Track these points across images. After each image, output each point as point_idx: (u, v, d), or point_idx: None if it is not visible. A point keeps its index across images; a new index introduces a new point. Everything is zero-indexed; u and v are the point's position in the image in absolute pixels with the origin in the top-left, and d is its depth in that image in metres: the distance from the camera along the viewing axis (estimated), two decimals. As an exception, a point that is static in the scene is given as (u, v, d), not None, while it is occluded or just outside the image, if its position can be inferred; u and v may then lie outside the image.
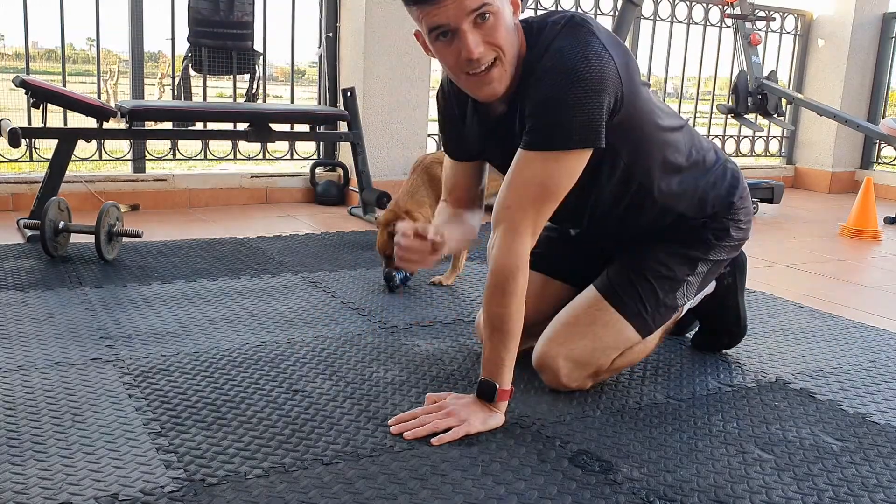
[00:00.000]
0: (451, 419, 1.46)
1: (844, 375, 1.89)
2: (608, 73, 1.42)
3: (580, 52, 1.41)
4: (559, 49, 1.43)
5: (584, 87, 1.40)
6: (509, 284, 1.46)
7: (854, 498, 1.32)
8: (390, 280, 2.43)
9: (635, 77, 1.51)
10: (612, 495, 1.28)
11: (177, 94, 3.79)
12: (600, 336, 1.67)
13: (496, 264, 1.47)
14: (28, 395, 1.55)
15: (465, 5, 1.38)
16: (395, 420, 1.48)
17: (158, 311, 2.13)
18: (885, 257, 3.45)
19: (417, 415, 1.49)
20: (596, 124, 1.44)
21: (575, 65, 1.41)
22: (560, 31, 1.45)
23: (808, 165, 5.88)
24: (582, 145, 1.45)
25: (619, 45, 1.49)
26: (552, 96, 1.42)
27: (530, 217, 1.46)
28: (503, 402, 1.51)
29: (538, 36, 1.49)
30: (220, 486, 1.24)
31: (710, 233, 1.75)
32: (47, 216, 2.61)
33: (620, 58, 1.46)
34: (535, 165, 1.46)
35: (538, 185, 1.45)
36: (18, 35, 6.64)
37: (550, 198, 1.47)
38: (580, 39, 1.43)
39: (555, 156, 1.45)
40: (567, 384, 1.68)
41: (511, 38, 1.45)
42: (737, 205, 1.76)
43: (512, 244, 1.46)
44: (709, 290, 1.93)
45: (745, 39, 4.91)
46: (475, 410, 1.48)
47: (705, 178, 1.72)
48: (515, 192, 1.47)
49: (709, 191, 1.72)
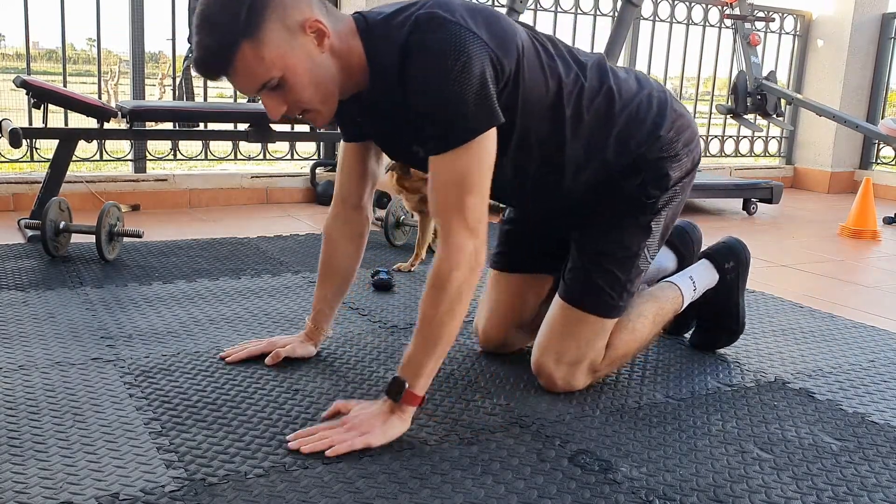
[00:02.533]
0: (352, 433, 1.40)
1: (843, 375, 1.90)
2: (475, 52, 1.38)
3: (441, 48, 1.37)
4: (422, 56, 1.39)
5: (457, 78, 1.36)
6: (443, 283, 1.42)
7: (853, 497, 1.32)
8: (382, 285, 2.45)
9: (508, 38, 1.46)
10: (611, 494, 1.28)
11: (177, 94, 3.80)
12: (580, 334, 1.69)
13: (434, 262, 1.45)
14: (29, 394, 1.56)
15: (248, 84, 1.42)
16: (295, 435, 1.41)
17: (159, 311, 2.13)
18: (885, 257, 3.46)
19: (318, 430, 1.42)
20: (485, 105, 1.40)
21: (441, 63, 1.37)
22: (412, 34, 1.41)
23: (807, 165, 5.89)
24: (480, 131, 1.41)
25: (478, 13, 1.44)
26: (432, 100, 1.39)
27: (457, 217, 1.42)
28: (411, 408, 1.45)
29: (387, 33, 1.45)
30: (221, 486, 1.24)
31: (650, 188, 1.69)
32: (48, 216, 2.61)
33: (485, 27, 1.42)
34: (445, 168, 1.43)
35: (454, 185, 1.43)
36: (19, 35, 6.64)
37: (472, 191, 1.43)
38: (435, 35, 1.38)
39: (458, 153, 1.42)
40: (564, 387, 1.68)
41: (317, 81, 1.43)
42: (666, 137, 1.68)
43: (447, 247, 1.43)
44: (711, 284, 1.95)
45: (745, 40, 4.91)
46: (377, 422, 1.42)
47: (623, 115, 1.64)
48: (438, 197, 1.45)
49: (630, 127, 1.65)
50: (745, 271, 2.00)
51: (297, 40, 1.40)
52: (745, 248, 2.01)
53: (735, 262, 1.97)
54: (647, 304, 1.81)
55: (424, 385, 1.45)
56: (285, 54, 1.39)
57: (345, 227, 1.79)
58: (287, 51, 1.39)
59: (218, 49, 1.40)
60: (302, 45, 1.40)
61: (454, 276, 1.41)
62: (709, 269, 1.97)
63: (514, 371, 1.81)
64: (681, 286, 1.89)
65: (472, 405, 1.60)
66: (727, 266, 1.96)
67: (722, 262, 1.97)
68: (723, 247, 2.00)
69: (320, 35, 1.41)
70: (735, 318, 2.00)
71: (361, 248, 1.82)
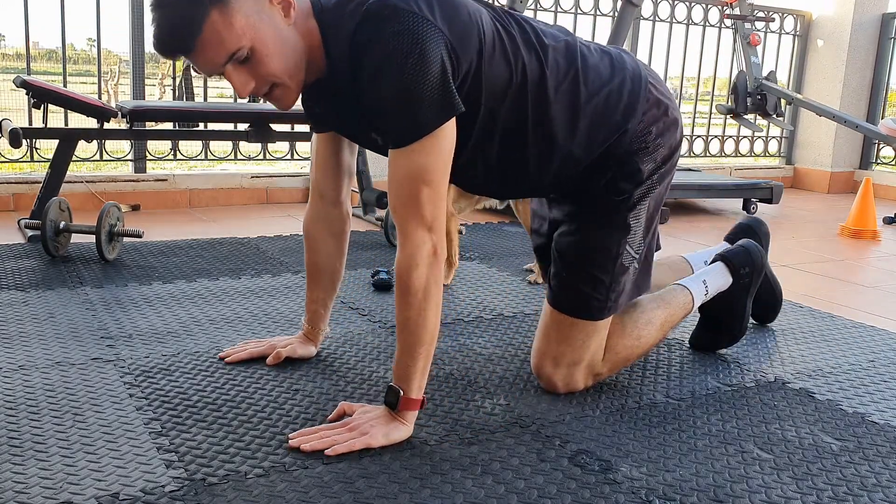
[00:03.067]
0: (352, 433, 1.40)
1: (843, 375, 1.90)
2: (430, 42, 1.33)
3: (396, 40, 1.32)
4: (376, 47, 1.34)
5: (414, 71, 1.32)
6: (407, 284, 1.39)
7: (853, 497, 1.32)
8: (382, 285, 2.45)
9: (467, 28, 1.41)
10: (611, 495, 1.28)
11: (177, 94, 3.80)
12: (572, 337, 1.68)
13: (396, 266, 1.42)
14: (29, 394, 1.56)
15: (213, 59, 1.35)
16: (296, 434, 1.41)
17: (159, 311, 2.13)
18: (885, 257, 3.45)
19: (320, 430, 1.43)
20: (443, 96, 1.36)
21: (396, 55, 1.32)
22: (364, 24, 1.36)
23: (807, 165, 5.89)
24: (437, 123, 1.38)
25: (434, 1, 1.38)
26: (391, 96, 1.35)
27: (415, 212, 1.39)
28: (410, 412, 1.44)
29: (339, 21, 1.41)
30: (221, 486, 1.24)
31: (620, 183, 1.64)
32: (48, 216, 2.61)
33: (440, 12, 1.37)
34: (401, 162, 1.40)
35: (411, 179, 1.39)
36: (19, 35, 6.64)
37: (429, 185, 1.39)
38: (389, 26, 1.33)
39: (418, 146, 1.38)
40: (565, 389, 1.68)
41: (286, 53, 1.39)
42: (635, 130, 1.62)
43: (404, 244, 1.40)
44: (723, 288, 1.94)
45: (745, 40, 4.91)
46: (378, 423, 1.42)
47: (589, 106, 1.58)
48: (395, 192, 1.42)
49: (596, 120, 1.59)
50: (759, 278, 1.99)
51: (265, 9, 1.37)
52: (762, 254, 2.00)
53: (751, 269, 1.96)
54: (657, 311, 1.79)
55: (419, 387, 1.44)
56: (254, 23, 1.35)
57: (325, 226, 1.76)
58: (256, 20, 1.35)
59: (186, 19, 1.33)
60: (270, 16, 1.37)
61: (415, 276, 1.39)
62: (724, 273, 1.95)
63: (514, 371, 1.81)
64: (693, 291, 1.87)
65: (472, 405, 1.60)
66: (743, 272, 1.95)
67: (738, 268, 1.95)
68: (741, 252, 1.98)
69: (286, 6, 1.39)
70: (739, 321, 1.98)
71: (345, 244, 1.80)
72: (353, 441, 1.38)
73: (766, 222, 2.02)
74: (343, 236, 1.79)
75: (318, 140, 1.72)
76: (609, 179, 1.64)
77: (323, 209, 1.75)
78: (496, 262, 2.91)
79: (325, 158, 1.72)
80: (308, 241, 1.79)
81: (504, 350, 1.95)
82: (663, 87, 1.71)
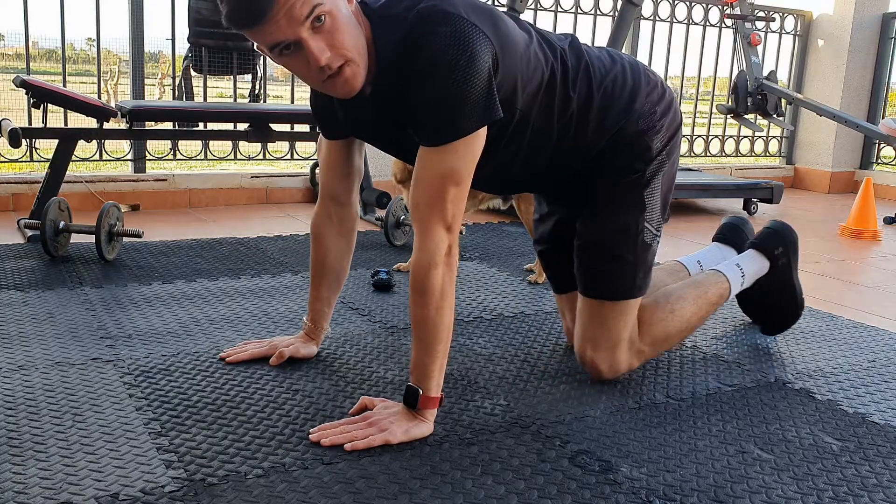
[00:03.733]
0: (372, 429, 1.42)
1: (844, 375, 1.90)
2: (480, 47, 1.38)
3: (448, 41, 1.37)
4: (428, 47, 1.38)
5: (463, 74, 1.37)
6: (424, 283, 1.42)
7: (853, 498, 1.32)
8: (382, 285, 2.45)
9: (505, 31, 1.47)
10: (611, 495, 1.28)
11: (177, 94, 3.80)
12: (606, 319, 1.74)
13: (412, 264, 1.44)
14: (28, 394, 1.55)
15: (296, 15, 1.32)
16: (318, 429, 1.43)
17: (159, 311, 2.13)
18: (885, 257, 3.45)
19: (340, 424, 1.44)
20: (484, 100, 1.41)
21: (447, 57, 1.37)
22: (416, 26, 1.40)
23: (807, 165, 5.88)
24: (476, 126, 1.42)
25: (480, 10, 1.45)
26: (438, 96, 1.39)
27: (438, 213, 1.43)
28: (430, 411, 1.46)
29: (386, 24, 1.44)
30: (221, 486, 1.24)
31: (634, 163, 1.71)
32: (48, 216, 2.61)
33: (484, 20, 1.43)
34: (433, 162, 1.43)
35: (441, 178, 1.42)
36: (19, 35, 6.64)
37: (457, 185, 1.44)
38: (442, 28, 1.38)
39: (452, 147, 1.42)
40: (610, 372, 1.75)
41: (354, 33, 1.41)
42: (642, 111, 1.70)
43: (424, 242, 1.43)
44: (762, 272, 2.03)
45: (745, 40, 4.91)
46: (399, 420, 1.44)
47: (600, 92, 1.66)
48: (421, 189, 1.44)
49: (606, 103, 1.67)
50: (796, 252, 2.06)
51: None
52: (791, 229, 2.06)
53: (784, 247, 2.03)
54: (688, 289, 1.89)
55: (437, 385, 1.47)
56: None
57: (334, 226, 1.78)
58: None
59: None
60: None
61: (433, 275, 1.42)
62: (757, 257, 2.03)
63: (514, 371, 1.81)
64: (726, 273, 1.96)
65: (472, 405, 1.60)
66: (777, 252, 2.02)
67: (771, 250, 2.03)
68: (769, 233, 2.06)
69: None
70: (793, 299, 2.08)
71: (352, 244, 1.83)
72: (373, 437, 1.40)
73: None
74: (351, 236, 1.82)
75: (329, 146, 1.73)
76: (623, 160, 1.72)
77: (333, 210, 1.77)
78: (496, 262, 2.91)
79: (336, 161, 1.74)
80: (316, 240, 1.79)
81: (504, 350, 1.95)
82: (655, 73, 1.81)
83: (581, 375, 1.80)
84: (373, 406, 1.51)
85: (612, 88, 1.68)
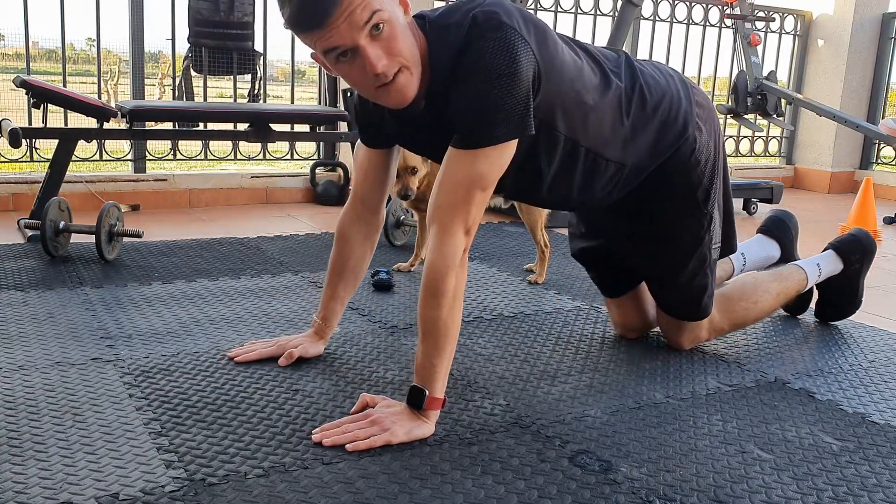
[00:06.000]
0: (374, 428, 1.41)
1: (844, 375, 1.90)
2: (524, 59, 1.40)
3: (495, 47, 1.39)
4: (476, 48, 1.40)
5: (503, 83, 1.39)
6: (440, 286, 1.42)
7: (853, 498, 1.32)
8: (382, 285, 2.45)
9: (553, 51, 1.50)
10: (611, 495, 1.28)
11: (177, 94, 3.80)
12: (685, 329, 1.98)
13: (428, 265, 1.45)
14: (28, 394, 1.55)
15: (356, 20, 1.34)
16: (320, 429, 1.43)
17: (159, 311, 2.13)
18: (885, 257, 3.45)
19: (342, 424, 1.44)
20: (519, 114, 1.42)
21: (491, 62, 1.38)
22: (470, 29, 1.42)
23: (807, 165, 5.88)
24: (509, 137, 1.44)
25: (532, 24, 1.47)
26: (474, 97, 1.41)
27: (461, 216, 1.44)
28: (433, 411, 1.47)
29: (443, 34, 1.46)
30: (221, 486, 1.24)
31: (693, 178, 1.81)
32: (48, 216, 2.61)
33: (535, 36, 1.45)
34: (462, 164, 1.44)
35: (467, 183, 1.43)
36: (19, 35, 6.61)
37: (483, 191, 1.45)
38: (493, 34, 1.40)
39: (483, 152, 1.43)
40: (690, 346, 2.00)
41: (410, 42, 1.43)
42: (693, 134, 1.78)
43: (442, 245, 1.43)
44: (835, 272, 2.21)
45: (745, 40, 4.91)
46: (401, 420, 1.43)
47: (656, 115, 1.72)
48: (445, 192, 1.45)
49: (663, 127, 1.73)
50: (870, 261, 2.23)
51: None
52: (871, 239, 2.23)
53: (861, 254, 2.20)
54: (773, 283, 2.08)
55: (442, 387, 1.48)
56: (386, 2, 1.38)
57: (362, 229, 1.80)
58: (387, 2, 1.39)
59: None
60: (395, 7, 1.41)
61: (449, 278, 1.43)
62: (835, 259, 2.21)
63: (514, 371, 1.81)
64: (808, 271, 2.16)
65: (472, 405, 1.60)
66: (853, 258, 2.20)
67: (848, 255, 2.21)
68: (851, 239, 2.22)
69: (404, 5, 1.43)
70: (851, 301, 2.26)
71: (373, 248, 1.85)
72: (375, 438, 1.40)
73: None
74: (374, 240, 1.84)
75: (368, 153, 1.74)
76: (678, 179, 1.80)
77: (363, 214, 1.79)
78: (496, 262, 2.91)
79: (373, 168, 1.75)
80: (342, 241, 1.80)
81: (504, 350, 1.95)
82: (700, 91, 1.86)
83: (581, 375, 1.80)
84: (374, 404, 1.51)
85: (667, 111, 1.73)
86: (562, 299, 2.45)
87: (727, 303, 2.01)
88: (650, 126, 1.71)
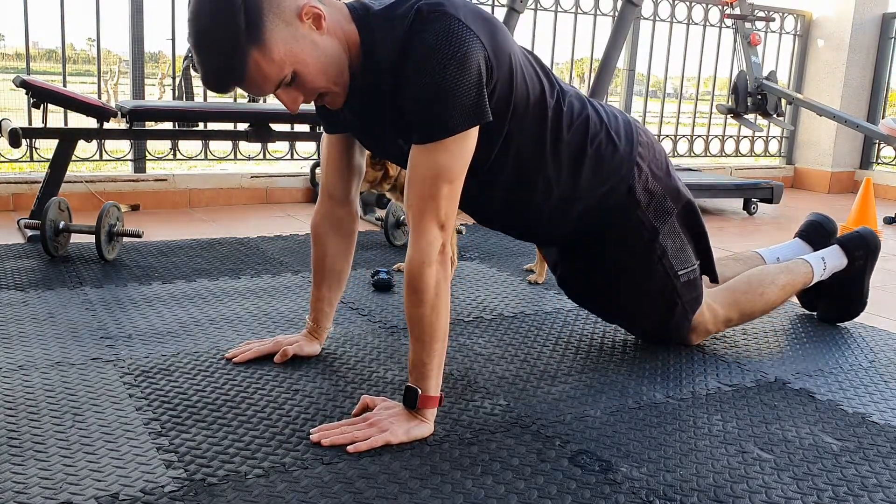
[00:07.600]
0: (373, 429, 1.42)
1: (844, 375, 1.90)
2: (472, 48, 1.39)
3: (439, 37, 1.38)
4: (419, 40, 1.39)
5: (450, 71, 1.38)
6: (418, 282, 1.43)
7: (853, 498, 1.32)
8: (382, 285, 2.45)
9: (502, 45, 1.48)
10: (611, 495, 1.28)
11: (177, 94, 3.80)
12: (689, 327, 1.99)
13: (406, 262, 1.45)
14: (28, 394, 1.55)
15: (263, 89, 1.41)
16: (318, 429, 1.43)
17: (159, 311, 2.13)
18: (885, 257, 3.45)
19: (341, 425, 1.44)
20: (474, 100, 1.41)
21: (437, 52, 1.38)
22: (413, 22, 1.41)
23: (807, 165, 5.89)
24: (466, 125, 1.43)
25: (480, 17, 1.46)
26: (425, 90, 1.40)
27: (431, 211, 1.44)
28: (429, 410, 1.46)
29: (387, 26, 1.45)
30: (221, 486, 1.24)
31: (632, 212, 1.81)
32: (48, 216, 2.61)
33: (483, 26, 1.44)
34: (425, 160, 1.44)
35: (432, 178, 1.43)
36: (19, 35, 6.62)
37: (450, 183, 1.45)
38: (437, 24, 1.39)
39: (442, 145, 1.42)
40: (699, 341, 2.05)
41: (326, 64, 1.43)
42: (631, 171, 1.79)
43: (417, 241, 1.44)
44: (839, 268, 2.21)
45: (745, 40, 4.91)
46: (400, 420, 1.43)
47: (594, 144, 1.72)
48: (414, 189, 1.45)
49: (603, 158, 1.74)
50: (874, 260, 2.23)
51: (299, 31, 1.39)
52: (876, 238, 2.23)
53: (864, 251, 2.21)
54: (780, 275, 2.11)
55: (436, 385, 1.47)
56: (293, 49, 1.39)
57: (333, 225, 1.78)
58: (293, 45, 1.39)
59: (227, 65, 1.38)
60: (304, 36, 1.40)
61: (427, 273, 1.42)
62: (840, 254, 2.22)
63: (514, 371, 1.81)
64: (813, 264, 2.17)
65: (472, 405, 1.60)
66: (857, 254, 2.21)
67: (853, 251, 2.21)
68: (856, 237, 2.23)
69: (317, 19, 1.41)
70: (857, 299, 2.27)
71: (352, 243, 1.83)
72: (374, 439, 1.39)
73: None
74: (351, 236, 1.82)
75: (328, 140, 1.74)
76: (617, 217, 1.82)
77: (332, 209, 1.78)
78: (496, 262, 2.91)
79: (335, 158, 1.75)
80: (316, 240, 1.80)
81: (504, 350, 1.95)
82: (646, 132, 1.90)
83: (581, 375, 1.80)
84: (374, 406, 1.51)
85: (606, 144, 1.74)
86: (562, 299, 2.45)
87: (732, 294, 2.04)
88: (585, 154, 1.71)
